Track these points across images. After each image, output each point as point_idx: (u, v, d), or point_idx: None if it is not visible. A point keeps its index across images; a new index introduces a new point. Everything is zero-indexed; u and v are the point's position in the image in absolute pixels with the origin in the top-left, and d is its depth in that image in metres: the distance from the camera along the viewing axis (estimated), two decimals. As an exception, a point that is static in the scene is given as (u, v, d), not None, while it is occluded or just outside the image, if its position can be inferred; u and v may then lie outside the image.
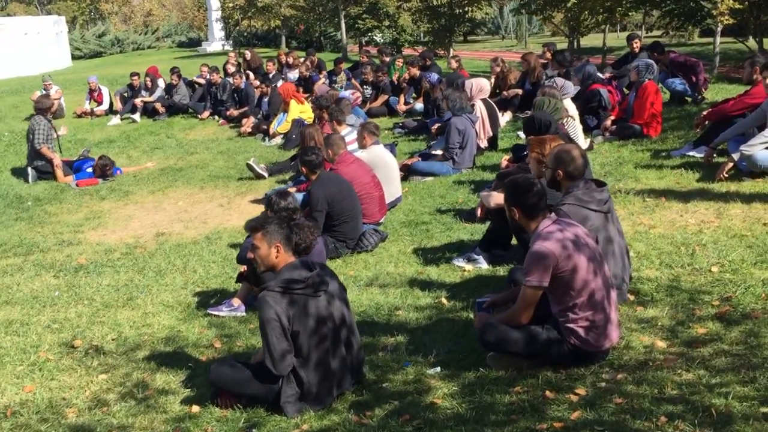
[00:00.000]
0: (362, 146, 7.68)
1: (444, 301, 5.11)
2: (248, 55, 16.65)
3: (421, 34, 26.86)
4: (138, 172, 11.16)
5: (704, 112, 8.14)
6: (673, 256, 5.26)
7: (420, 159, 8.82)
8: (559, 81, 8.56)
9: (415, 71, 12.40)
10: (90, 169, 10.77)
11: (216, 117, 14.19)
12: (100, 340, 5.25)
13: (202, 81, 15.06)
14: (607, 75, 11.63)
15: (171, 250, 7.24)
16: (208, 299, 5.84)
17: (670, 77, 10.46)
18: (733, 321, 4.12)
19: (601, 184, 4.63)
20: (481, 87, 9.10)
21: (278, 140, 11.89)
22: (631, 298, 4.65)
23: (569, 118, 7.73)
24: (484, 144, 9.15)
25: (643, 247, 5.49)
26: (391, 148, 9.95)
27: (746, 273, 4.79)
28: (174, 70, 15.44)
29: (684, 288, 4.67)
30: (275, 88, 12.94)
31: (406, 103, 12.62)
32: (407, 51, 29.52)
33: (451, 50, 22.70)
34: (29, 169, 10.74)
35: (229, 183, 9.98)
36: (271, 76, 15.40)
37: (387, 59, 14.93)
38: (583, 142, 8.54)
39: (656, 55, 10.69)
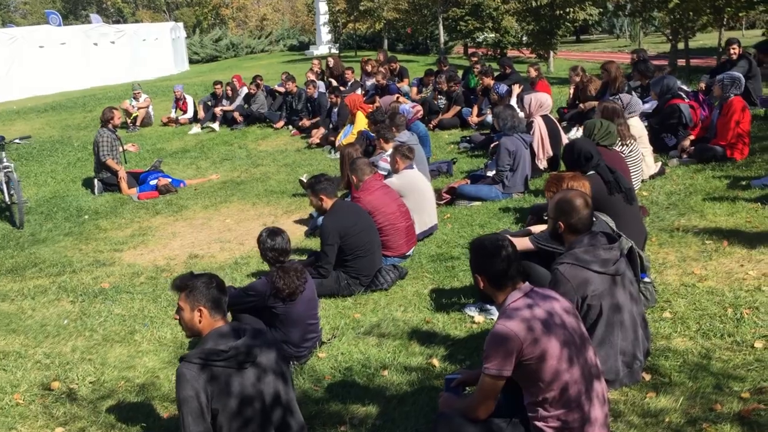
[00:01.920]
0: (395, 170, 7.12)
1: (435, 362, 4.50)
2: (331, 62, 16.36)
3: (524, 37, 25.74)
4: (200, 185, 11.07)
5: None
6: (715, 321, 4.39)
7: (469, 181, 8.15)
8: (625, 97, 7.64)
9: (489, 81, 11.64)
10: (154, 182, 10.77)
11: (290, 127, 13.98)
12: (79, 382, 4.98)
13: (282, 89, 14.91)
14: (702, 85, 10.48)
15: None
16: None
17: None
18: (758, 426, 3.27)
19: (612, 240, 3.88)
20: (540, 102, 8.31)
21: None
22: (647, 377, 3.87)
23: (630, 140, 6.84)
24: (543, 165, 8.35)
25: (684, 307, 4.64)
26: (448, 166, 9.36)
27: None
28: (257, 79, 15.39)
29: (714, 369, 3.84)
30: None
31: (479, 114, 11.89)
32: (511, 53, 28.61)
33: (552, 53, 21.62)
34: (95, 181, 10.88)
35: (282, 199, 9.67)
36: (349, 84, 15.07)
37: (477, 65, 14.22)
38: (652, 166, 7.61)
39: (761, 56, 9.49)
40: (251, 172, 11.60)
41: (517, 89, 10.52)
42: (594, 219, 4.10)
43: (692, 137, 8.16)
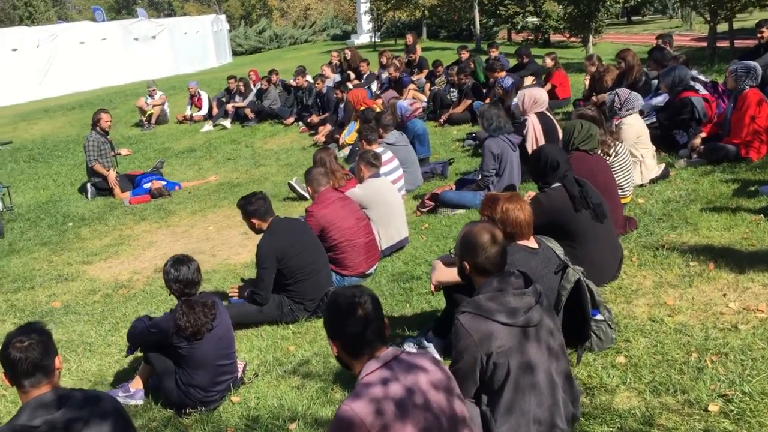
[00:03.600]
0: (360, 180, 6.52)
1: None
2: (348, 54, 15.76)
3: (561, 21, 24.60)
4: (197, 187, 10.69)
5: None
6: (672, 370, 3.69)
7: (454, 186, 7.49)
8: (623, 93, 6.84)
9: (500, 74, 10.86)
10: (147, 185, 10.43)
11: (300, 123, 13.48)
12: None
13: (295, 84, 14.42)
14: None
15: (148, 296, 6.55)
16: (128, 375, 5.01)
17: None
18: None
19: (528, 283, 3.22)
20: (535, 98, 7.56)
21: (347, 152, 10.92)
22: (570, 449, 3.21)
23: (616, 148, 6.08)
24: (538, 167, 7.59)
25: (643, 350, 3.94)
26: (443, 167, 8.71)
27: (760, 423, 3.16)
28: (272, 74, 14.93)
29: (652, 439, 3.15)
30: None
31: (492, 108, 11.11)
32: (554, 38, 27.48)
33: (591, 38, 20.49)
34: (88, 185, 10.60)
35: (272, 204, 9.15)
36: (365, 77, 14.47)
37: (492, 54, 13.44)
38: (653, 168, 6.83)
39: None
40: (251, 173, 11.17)
41: (529, 81, 9.73)
42: (537, 252, 3.44)
43: (704, 134, 7.30)
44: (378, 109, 10.78)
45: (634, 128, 6.66)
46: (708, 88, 7.99)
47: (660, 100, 8.07)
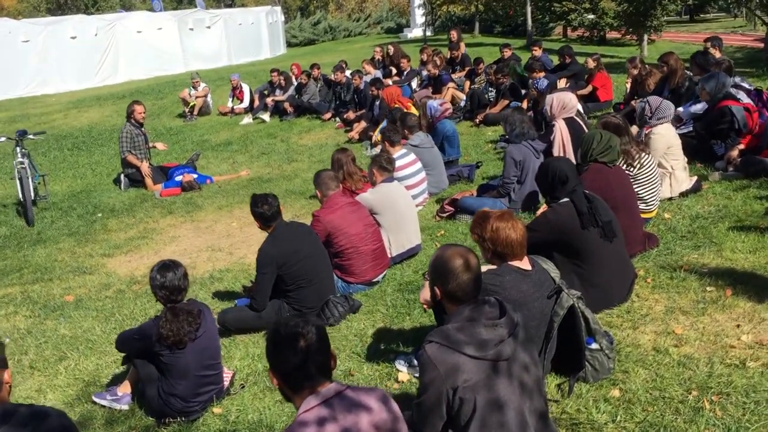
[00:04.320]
0: (372, 184, 6.36)
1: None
2: (391, 49, 15.55)
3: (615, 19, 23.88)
4: (228, 181, 10.68)
5: None
6: (667, 411, 3.43)
7: (475, 192, 7.26)
8: (654, 100, 6.49)
9: (538, 74, 10.53)
10: (179, 178, 10.46)
11: (337, 119, 13.36)
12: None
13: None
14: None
15: (157, 293, 6.51)
16: (122, 377, 4.96)
17: None
18: None
19: (503, 312, 3.01)
20: (564, 103, 7.25)
21: (379, 149, 10.75)
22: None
23: (640, 160, 5.76)
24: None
25: (640, 383, 3.68)
26: (470, 170, 8.49)
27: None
28: (314, 68, 14.85)
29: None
30: (389, 91, 11.77)
31: (528, 110, 10.80)
32: (611, 35, 26.73)
33: (645, 36, 19.81)
34: (122, 176, 10.68)
35: (297, 202, 9.10)
36: (405, 73, 14.27)
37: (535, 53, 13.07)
38: (684, 181, 6.48)
39: None
40: (283, 168, 11.10)
41: (562, 83, 9.39)
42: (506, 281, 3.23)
43: (742, 146, 6.89)
44: (410, 108, 10.60)
45: (665, 138, 6.32)
46: (752, 96, 7.54)
47: (699, 107, 7.67)
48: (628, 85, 10.06)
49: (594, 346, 3.77)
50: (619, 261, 4.61)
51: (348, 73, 13.82)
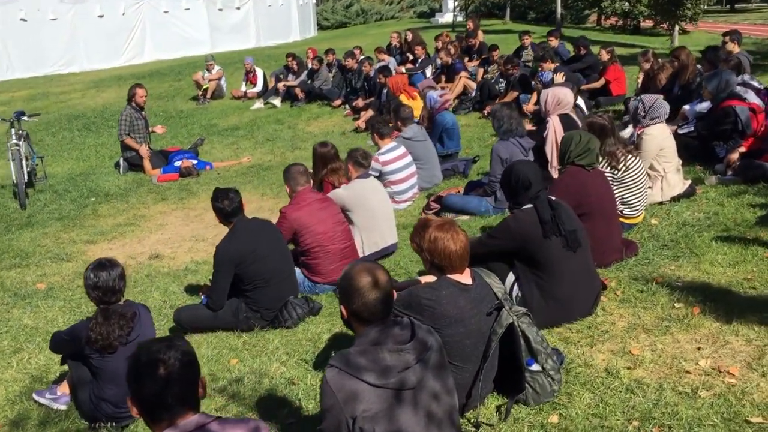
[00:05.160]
0: (348, 178, 6.14)
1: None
2: (409, 35, 15.24)
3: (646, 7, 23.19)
4: (227, 168, 10.56)
5: None
6: (601, 444, 3.17)
7: (461, 190, 7.00)
8: (648, 99, 6.14)
9: (548, 65, 10.16)
10: (178, 164, 10.36)
11: (346, 106, 13.14)
12: None
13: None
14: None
15: (128, 284, 6.35)
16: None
17: None
18: None
19: (414, 334, 2.79)
20: (559, 99, 6.93)
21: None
22: None
23: (626, 162, 5.46)
24: (557, 175, 7.00)
25: (581, 409, 3.43)
26: (465, 165, 8.25)
27: None
28: (328, 53, 14.63)
29: None
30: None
31: (536, 103, 10.46)
32: (646, 23, 26.01)
33: (676, 27, 19.18)
34: (121, 160, 10.61)
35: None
36: (419, 61, 13.97)
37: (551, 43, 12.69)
38: (677, 185, 6.16)
39: None
40: (285, 156, 10.93)
41: (559, 78, 9.05)
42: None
43: (743, 149, 6.52)
44: (416, 98, 10.33)
45: (656, 140, 5.99)
46: (761, 95, 7.14)
47: (705, 106, 7.29)
48: (640, 80, 9.66)
49: (535, 367, 3.53)
50: (584, 273, 4.34)
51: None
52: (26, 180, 9.33)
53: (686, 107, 7.66)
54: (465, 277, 3.55)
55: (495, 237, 4.44)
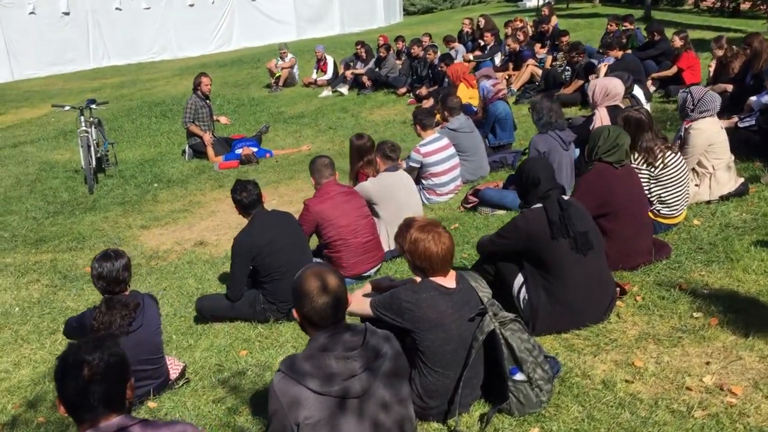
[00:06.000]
0: (376, 172, 6.08)
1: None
2: (482, 21, 14.92)
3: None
4: (287, 156, 10.68)
5: None
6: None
7: (501, 184, 6.81)
8: (697, 92, 5.76)
9: (615, 52, 9.72)
10: (239, 151, 10.56)
11: (411, 94, 13.02)
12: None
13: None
14: None
15: (171, 271, 6.61)
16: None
17: None
18: None
19: (365, 341, 2.72)
20: (607, 90, 6.62)
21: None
22: None
23: (664, 159, 5.15)
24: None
25: (566, 425, 3.27)
26: (514, 157, 8.05)
27: None
28: (398, 40, 14.57)
29: None
30: (458, 67, 11.29)
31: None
32: (746, 5, 24.52)
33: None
34: (186, 147, 10.91)
35: (343, 181, 8.92)
36: (488, 48, 13.68)
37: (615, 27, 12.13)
38: (726, 183, 5.78)
39: None
40: (344, 145, 10.87)
41: (603, 68, 8.64)
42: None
43: (805, 145, 6.04)
44: (476, 86, 10.11)
45: (705, 135, 5.63)
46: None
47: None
48: (712, 68, 9.11)
49: (519, 377, 3.38)
50: (595, 277, 4.12)
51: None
52: (95, 165, 9.72)
53: (753, 98, 7.16)
54: (448, 281, 3.44)
55: (503, 236, 4.29)
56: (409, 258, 3.47)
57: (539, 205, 4.19)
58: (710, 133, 5.66)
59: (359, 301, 3.68)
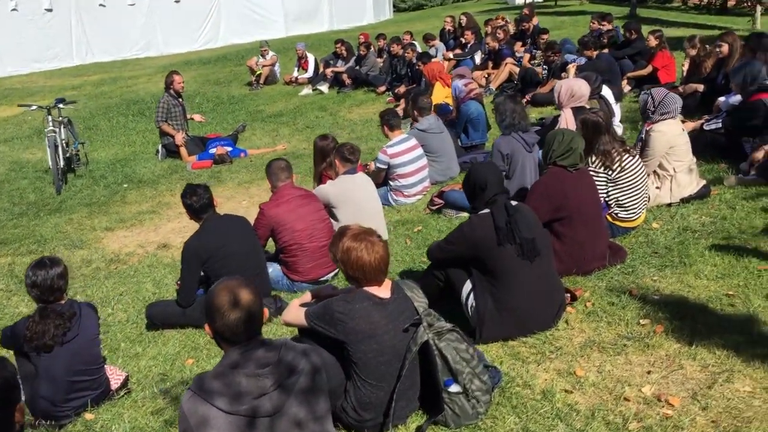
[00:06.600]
0: (335, 175, 5.99)
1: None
2: (464, 19, 14.81)
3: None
4: (262, 155, 10.57)
5: None
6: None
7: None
8: (658, 94, 5.68)
9: (591, 52, 9.65)
10: (213, 150, 10.45)
11: (390, 93, 12.93)
12: None
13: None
14: None
15: (131, 275, 6.51)
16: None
17: None
18: None
19: (279, 358, 2.64)
20: (573, 91, 6.54)
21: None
22: None
23: (621, 163, 5.09)
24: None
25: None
26: (485, 157, 7.89)
27: None
28: (379, 38, 14.45)
29: None
30: (435, 66, 11.20)
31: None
32: (733, 2, 24.50)
33: (758, 8, 17.96)
34: (160, 146, 10.79)
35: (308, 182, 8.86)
36: (468, 46, 13.59)
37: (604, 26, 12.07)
38: (687, 185, 5.72)
39: None
40: (319, 144, 10.84)
41: (572, 69, 8.58)
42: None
43: (770, 147, 5.98)
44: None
45: (666, 137, 5.56)
46: (802, 87, 6.52)
47: (738, 99, 6.72)
48: (685, 67, 9.04)
49: (454, 388, 3.31)
50: (542, 283, 4.05)
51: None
52: (63, 166, 9.59)
53: (721, 99, 7.11)
54: (383, 290, 3.35)
55: (451, 242, 4.22)
56: (342, 267, 3.39)
57: (487, 210, 4.11)
58: (671, 135, 5.60)
59: (296, 312, 3.60)
